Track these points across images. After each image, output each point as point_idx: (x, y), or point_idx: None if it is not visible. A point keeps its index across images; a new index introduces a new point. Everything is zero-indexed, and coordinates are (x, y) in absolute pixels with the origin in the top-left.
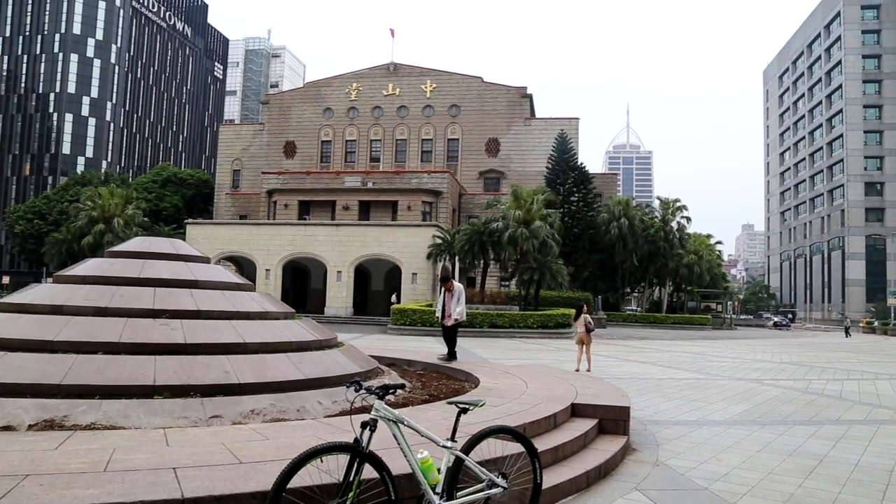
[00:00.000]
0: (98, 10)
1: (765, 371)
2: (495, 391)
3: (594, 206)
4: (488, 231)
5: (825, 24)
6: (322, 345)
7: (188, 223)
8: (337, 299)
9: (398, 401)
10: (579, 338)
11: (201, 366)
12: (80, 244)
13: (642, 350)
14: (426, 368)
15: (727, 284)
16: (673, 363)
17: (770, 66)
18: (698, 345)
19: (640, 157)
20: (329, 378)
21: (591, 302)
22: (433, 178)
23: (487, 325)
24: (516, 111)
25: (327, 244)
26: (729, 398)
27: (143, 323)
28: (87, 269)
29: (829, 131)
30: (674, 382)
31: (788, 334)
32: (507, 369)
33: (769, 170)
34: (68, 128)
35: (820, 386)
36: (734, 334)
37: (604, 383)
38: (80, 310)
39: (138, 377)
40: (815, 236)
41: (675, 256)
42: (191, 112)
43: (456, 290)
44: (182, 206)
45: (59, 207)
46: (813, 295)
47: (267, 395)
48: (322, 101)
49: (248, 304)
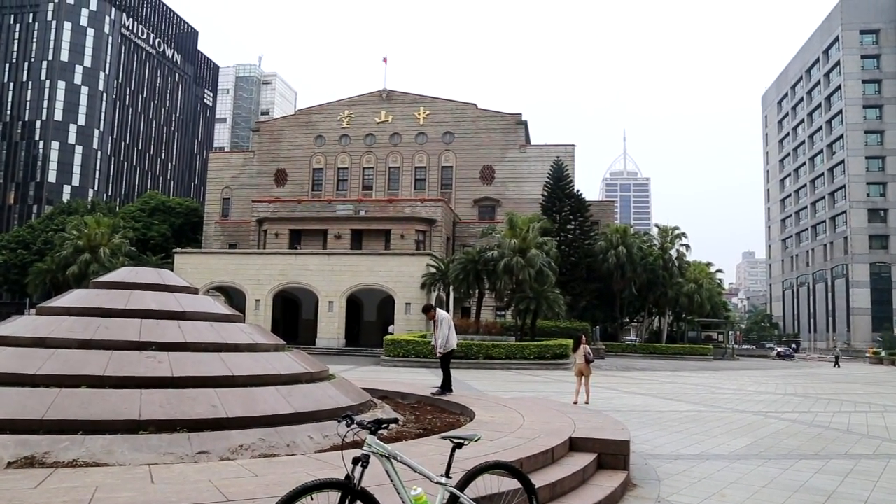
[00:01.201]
0: (86, 38)
1: (769, 403)
2: (491, 425)
3: (591, 234)
4: (483, 260)
5: (824, 49)
6: (313, 377)
7: (176, 252)
8: (329, 330)
9: (391, 435)
10: (578, 369)
11: (188, 399)
12: (64, 274)
13: (642, 381)
14: (420, 401)
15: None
16: (674, 395)
17: (768, 92)
18: (700, 376)
19: (637, 184)
20: (320, 412)
21: (589, 332)
22: (427, 207)
23: (483, 357)
24: (511, 138)
25: (319, 274)
26: (732, 431)
27: (129, 355)
28: (72, 301)
29: (830, 157)
30: (675, 415)
31: (792, 365)
32: (503, 402)
33: (769, 196)
34: (54, 156)
35: (826, 418)
36: (736, 365)
37: (603, 416)
38: (63, 342)
39: (123, 412)
40: (818, 264)
41: (674, 285)
42: (180, 140)
43: (439, 319)
44: (170, 235)
45: (43, 237)
46: (817, 324)
47: (256, 429)
48: (314, 129)
49: (237, 336)
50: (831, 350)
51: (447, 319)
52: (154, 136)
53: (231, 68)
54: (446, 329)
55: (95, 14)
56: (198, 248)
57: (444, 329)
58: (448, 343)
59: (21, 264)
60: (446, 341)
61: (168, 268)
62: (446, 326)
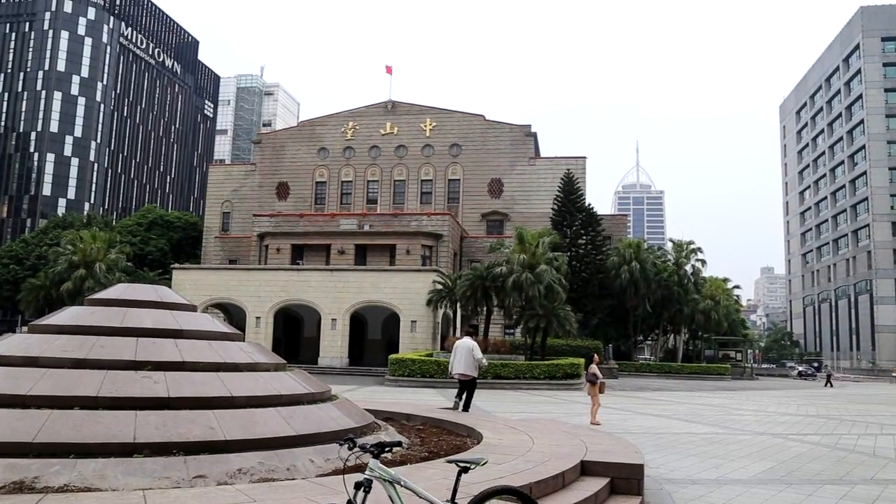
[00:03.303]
0: (84, 47)
1: (790, 425)
2: (499, 448)
3: (603, 249)
4: (491, 276)
5: (843, 57)
6: (315, 398)
7: (174, 268)
8: (331, 349)
9: (395, 458)
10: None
11: (185, 421)
12: (58, 291)
13: (657, 402)
14: (426, 423)
15: (747, 331)
16: (690, 416)
17: (786, 101)
18: (717, 396)
19: (650, 198)
20: (322, 434)
21: (601, 350)
22: (433, 221)
23: (491, 376)
24: (520, 150)
25: (321, 290)
26: (751, 454)
27: (124, 375)
28: (66, 318)
29: (852, 168)
30: (691, 437)
31: (815, 385)
32: (512, 424)
33: (788, 209)
34: (49, 168)
35: (851, 441)
36: (755, 385)
37: (615, 439)
38: (56, 361)
39: (117, 434)
40: (841, 279)
41: (690, 302)
42: (179, 152)
43: (454, 346)
44: (168, 251)
45: (37, 252)
46: (840, 342)
47: (255, 452)
48: (317, 141)
49: (237, 355)
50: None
51: (461, 345)
52: (153, 148)
53: (232, 79)
54: (462, 355)
55: (93, 23)
56: (197, 263)
57: (460, 355)
58: (451, 367)
59: (13, 280)
60: (457, 366)
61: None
62: (461, 353)
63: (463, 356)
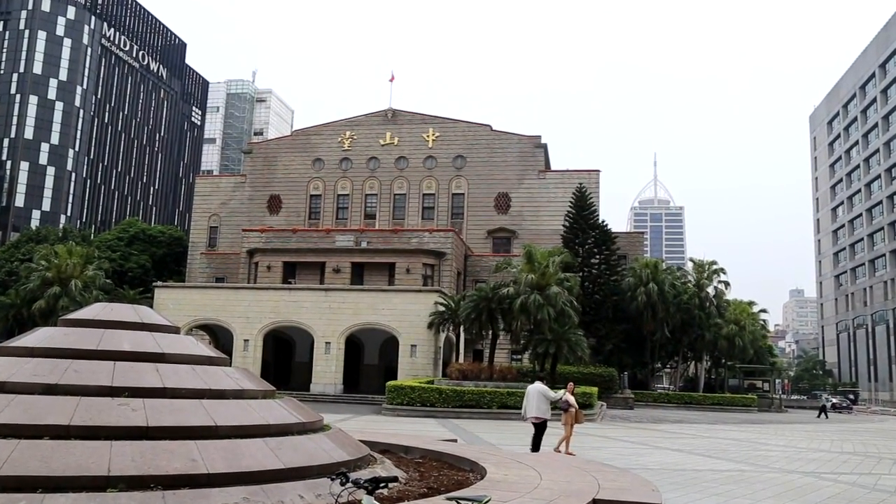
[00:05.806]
0: (62, 49)
1: (823, 462)
2: (504, 484)
3: (618, 269)
4: (497, 297)
5: (880, 63)
6: (305, 428)
7: (156, 286)
8: (325, 374)
9: (391, 495)
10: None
11: (165, 453)
12: (30, 310)
13: (676, 436)
14: (425, 456)
15: (774, 359)
16: (712, 451)
17: (817, 111)
18: (742, 430)
19: (669, 214)
20: (312, 467)
21: (615, 378)
22: (435, 238)
23: (497, 406)
24: (529, 163)
25: (315, 311)
26: (780, 495)
27: (99, 402)
28: (37, 340)
29: (889, 183)
30: (714, 475)
31: (851, 419)
32: (518, 457)
33: (819, 227)
34: (23, 177)
35: (891, 482)
36: (785, 418)
37: (631, 475)
38: (25, 387)
39: (90, 466)
40: (878, 303)
41: (712, 327)
42: (164, 161)
43: (526, 391)
44: (150, 267)
45: (7, 267)
46: (878, 372)
47: (239, 487)
48: (312, 151)
49: (222, 381)
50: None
51: (532, 390)
52: (135, 158)
53: (222, 84)
54: (534, 399)
55: (73, 23)
56: (181, 281)
57: (531, 399)
58: (524, 412)
59: None
60: (531, 410)
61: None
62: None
63: (535, 400)
